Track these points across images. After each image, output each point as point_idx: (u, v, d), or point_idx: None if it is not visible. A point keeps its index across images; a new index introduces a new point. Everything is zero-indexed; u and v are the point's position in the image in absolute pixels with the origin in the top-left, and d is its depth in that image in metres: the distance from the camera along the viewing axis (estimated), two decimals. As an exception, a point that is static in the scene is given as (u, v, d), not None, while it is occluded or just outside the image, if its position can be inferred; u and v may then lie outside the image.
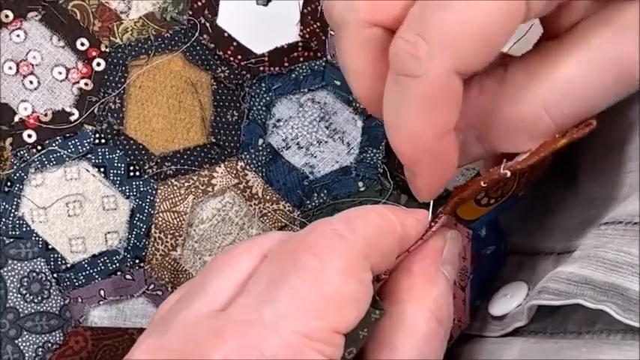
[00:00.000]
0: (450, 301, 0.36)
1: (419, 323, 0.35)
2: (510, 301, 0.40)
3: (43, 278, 0.44)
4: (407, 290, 0.35)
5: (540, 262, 0.40)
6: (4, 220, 0.44)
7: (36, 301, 0.44)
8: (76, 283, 0.44)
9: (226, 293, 0.34)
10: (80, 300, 0.44)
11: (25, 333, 0.44)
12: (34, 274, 0.44)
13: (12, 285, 0.44)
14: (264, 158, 0.46)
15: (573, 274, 0.35)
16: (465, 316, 0.39)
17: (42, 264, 0.44)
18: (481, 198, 0.37)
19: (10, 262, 0.44)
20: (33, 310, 0.44)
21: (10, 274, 0.44)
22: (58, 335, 0.44)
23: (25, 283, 0.44)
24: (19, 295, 0.44)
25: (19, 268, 0.44)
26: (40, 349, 0.44)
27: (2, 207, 0.44)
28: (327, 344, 0.32)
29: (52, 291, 0.44)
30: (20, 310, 0.44)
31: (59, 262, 0.44)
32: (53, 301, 0.44)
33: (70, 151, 0.45)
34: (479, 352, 0.39)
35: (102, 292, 0.45)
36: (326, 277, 0.32)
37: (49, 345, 0.44)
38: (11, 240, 0.44)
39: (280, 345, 0.31)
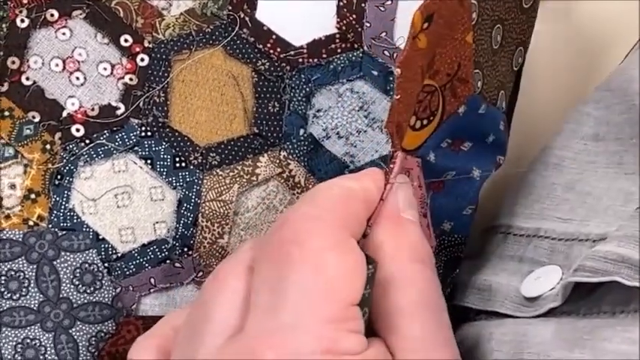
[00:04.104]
0: (424, 238, 0.37)
1: (405, 274, 0.35)
2: (544, 284, 0.40)
3: (95, 269, 0.45)
4: (380, 249, 0.36)
5: (575, 247, 0.40)
6: (55, 212, 0.45)
7: (88, 291, 0.45)
8: (127, 272, 0.45)
9: (234, 316, 0.34)
10: (131, 288, 0.45)
11: (78, 323, 0.44)
12: (87, 265, 0.45)
13: (65, 276, 0.44)
14: (305, 148, 0.47)
15: (610, 252, 0.35)
16: (431, 240, 0.40)
17: (94, 255, 0.45)
18: (414, 123, 0.38)
19: (62, 253, 0.45)
20: (86, 301, 0.45)
21: (62, 265, 0.45)
22: (110, 325, 0.45)
23: (78, 274, 0.45)
24: (72, 286, 0.44)
25: (71, 259, 0.45)
26: (94, 339, 0.44)
27: (53, 200, 0.45)
28: (352, 319, 0.32)
29: (104, 282, 0.45)
30: (73, 300, 0.45)
31: (110, 252, 0.45)
32: (105, 292, 0.45)
33: (117, 144, 0.46)
34: (511, 333, 0.39)
35: (152, 280, 0.45)
36: (321, 259, 0.32)
37: (102, 334, 0.45)
38: (64, 232, 0.45)
39: (313, 339, 0.31)
